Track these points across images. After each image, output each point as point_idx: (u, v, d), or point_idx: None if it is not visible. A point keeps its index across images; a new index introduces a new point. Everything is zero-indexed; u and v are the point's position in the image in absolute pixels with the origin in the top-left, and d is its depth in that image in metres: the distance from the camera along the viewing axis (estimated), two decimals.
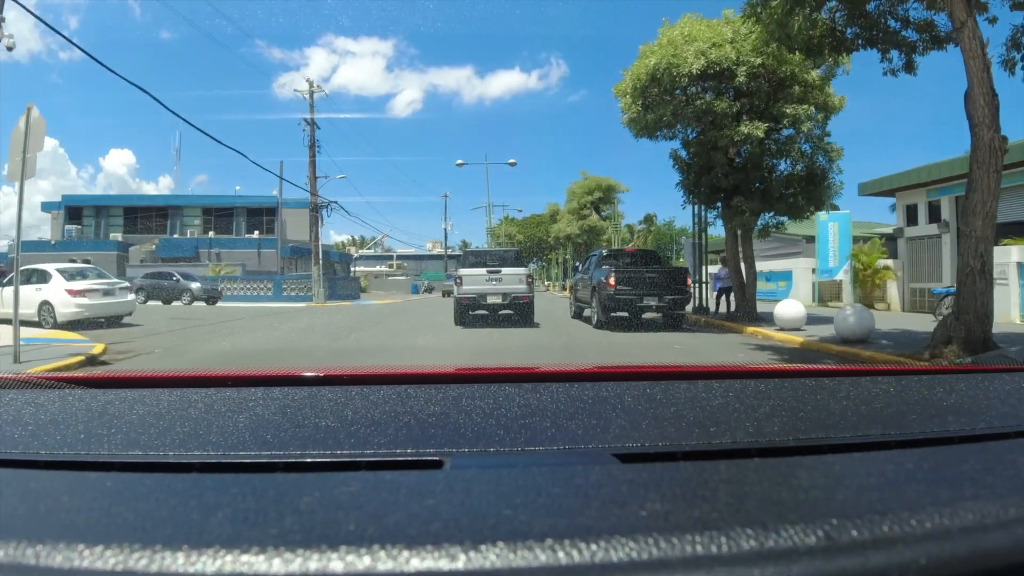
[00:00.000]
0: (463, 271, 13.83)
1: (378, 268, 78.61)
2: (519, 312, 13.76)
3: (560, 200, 49.46)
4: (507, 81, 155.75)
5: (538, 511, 0.52)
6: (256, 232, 44.60)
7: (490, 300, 13.43)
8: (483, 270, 13.55)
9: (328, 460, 0.68)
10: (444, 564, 0.43)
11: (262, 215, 48.21)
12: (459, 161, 33.91)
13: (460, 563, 0.43)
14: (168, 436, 0.76)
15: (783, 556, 0.44)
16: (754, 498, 0.56)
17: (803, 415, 0.89)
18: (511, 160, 35.20)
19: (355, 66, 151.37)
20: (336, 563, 0.43)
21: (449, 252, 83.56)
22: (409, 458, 0.68)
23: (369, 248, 77.91)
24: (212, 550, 0.44)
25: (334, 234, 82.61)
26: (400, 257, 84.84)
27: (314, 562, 0.43)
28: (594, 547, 0.44)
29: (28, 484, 0.61)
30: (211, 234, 46.85)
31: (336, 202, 29.29)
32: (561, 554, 0.44)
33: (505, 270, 13.56)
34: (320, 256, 28.48)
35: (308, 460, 0.67)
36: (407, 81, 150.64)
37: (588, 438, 0.76)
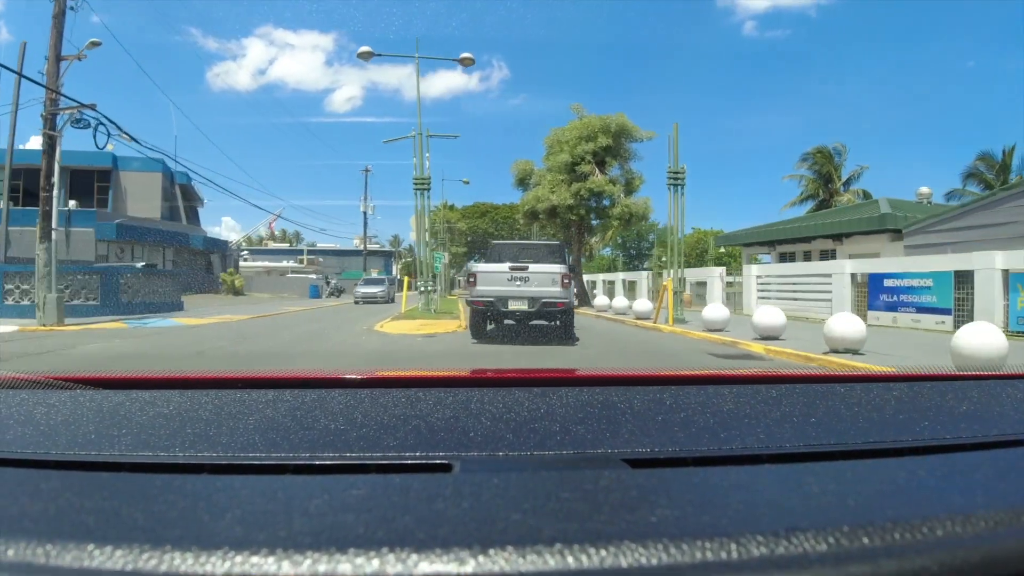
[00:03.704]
0: (478, 267, 10.94)
1: (284, 264, 62.61)
2: (553, 323, 10.90)
3: (535, 149, 30.73)
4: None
5: (547, 515, 0.52)
6: (73, 203, 31.51)
7: (513, 306, 10.43)
8: (504, 266, 10.57)
9: (337, 463, 0.67)
10: (453, 568, 0.43)
11: (93, 179, 35.63)
12: (363, 49, 17.52)
13: (469, 567, 0.43)
14: (178, 437, 0.76)
15: (794, 563, 0.45)
16: (765, 504, 0.56)
17: (814, 421, 0.87)
18: (465, 55, 18.23)
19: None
20: (345, 565, 0.43)
21: (377, 247, 67.76)
22: (418, 461, 0.68)
23: (263, 237, 60.69)
24: (221, 551, 0.44)
25: (265, 230, 67.16)
26: (317, 252, 68.65)
27: (323, 564, 0.43)
28: (604, 552, 0.44)
29: (39, 484, 0.61)
30: None
31: (93, 106, 12.96)
32: (570, 559, 0.44)
33: (534, 267, 10.50)
34: (54, 226, 12.67)
35: (317, 463, 0.67)
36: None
37: (598, 443, 0.75)
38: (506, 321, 11.09)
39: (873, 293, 15.39)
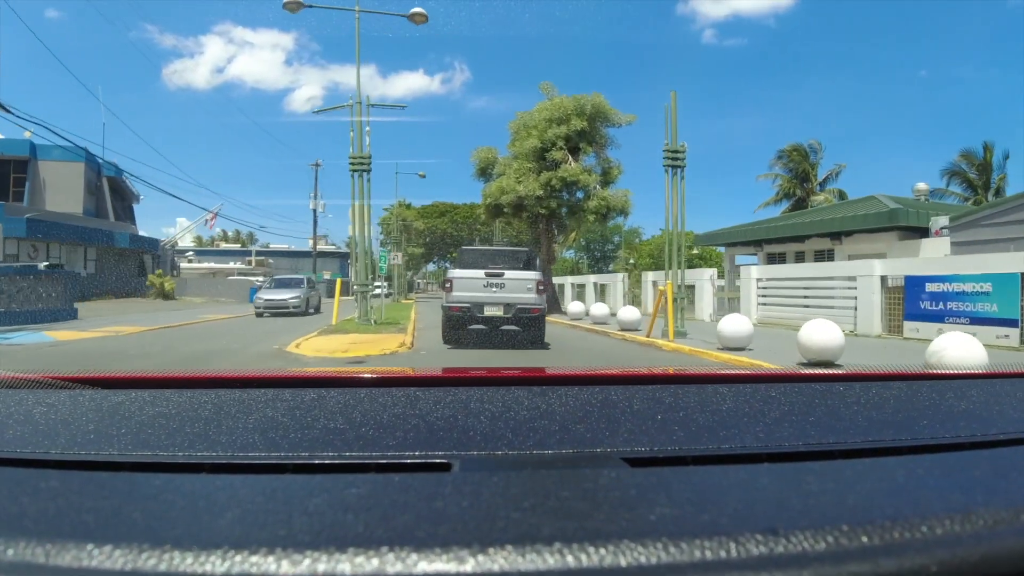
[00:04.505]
0: (454, 273, 11.23)
1: (231, 265, 58.68)
2: (526, 329, 11.32)
3: (499, 144, 26.22)
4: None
5: (546, 514, 0.53)
6: None
7: (488, 312, 10.86)
8: (480, 272, 10.97)
9: (337, 462, 0.69)
10: (452, 566, 0.44)
11: (9, 170, 32.04)
12: None
13: (468, 566, 0.44)
14: (178, 436, 0.77)
15: (793, 561, 0.46)
16: (764, 503, 0.57)
17: (813, 419, 0.89)
18: (416, 10, 14.79)
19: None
20: (344, 565, 0.44)
21: (332, 248, 64.12)
22: (417, 460, 0.69)
23: (214, 237, 56.58)
24: (221, 550, 0.45)
25: (215, 230, 63.75)
26: (267, 253, 64.66)
27: (322, 564, 0.44)
28: (603, 551, 0.45)
29: (38, 483, 0.62)
30: None
31: None
32: (570, 557, 0.45)
33: (509, 273, 10.99)
34: None
35: (317, 462, 0.68)
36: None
37: (597, 441, 0.76)
38: (474, 326, 11.44)
39: (911, 299, 12.71)
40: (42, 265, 22.18)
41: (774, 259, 23.40)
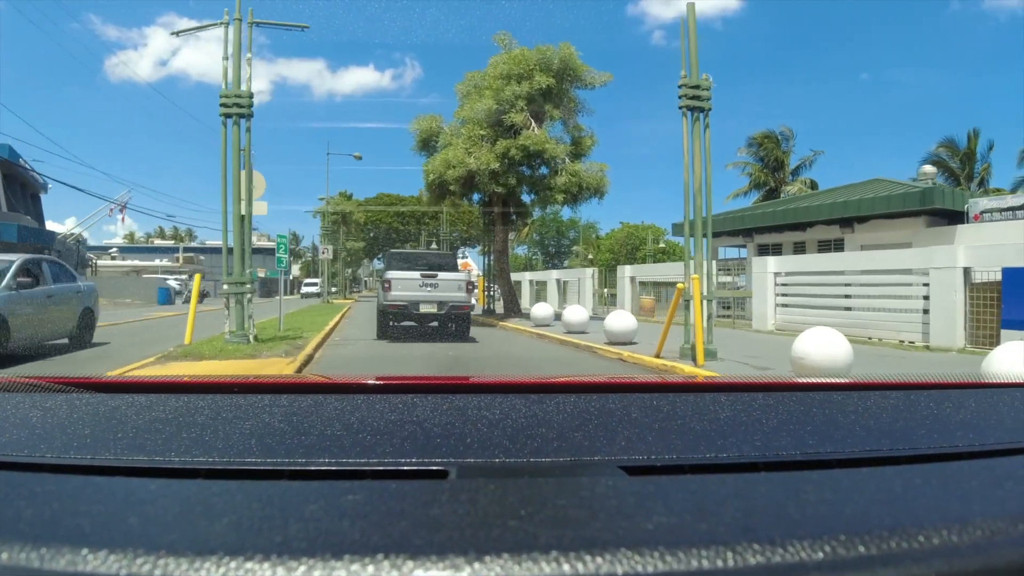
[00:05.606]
0: (392, 274, 12.65)
1: (157, 262, 53.66)
2: (456, 325, 13.17)
3: (446, 112, 20.95)
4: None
5: (543, 522, 0.54)
6: None
7: (423, 309, 12.39)
8: (416, 274, 12.57)
9: (333, 468, 0.70)
10: (448, 574, 0.46)
11: None
12: None
13: (464, 573, 0.46)
14: (174, 442, 0.77)
15: (791, 571, 0.47)
16: (761, 512, 0.58)
17: (811, 429, 0.89)
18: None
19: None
20: (340, 572, 0.45)
21: (271, 244, 58.65)
22: (414, 467, 0.70)
23: (151, 233, 51.01)
24: (216, 556, 0.46)
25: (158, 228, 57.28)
26: (196, 249, 59.45)
27: (318, 571, 0.45)
28: (599, 559, 0.47)
29: (33, 487, 0.62)
30: None
31: None
32: (566, 566, 0.46)
33: (442, 275, 12.67)
34: None
35: (313, 468, 0.69)
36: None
37: (594, 450, 0.77)
38: (407, 322, 13.04)
39: (1012, 300, 9.08)
40: None
41: (767, 250, 20.69)
